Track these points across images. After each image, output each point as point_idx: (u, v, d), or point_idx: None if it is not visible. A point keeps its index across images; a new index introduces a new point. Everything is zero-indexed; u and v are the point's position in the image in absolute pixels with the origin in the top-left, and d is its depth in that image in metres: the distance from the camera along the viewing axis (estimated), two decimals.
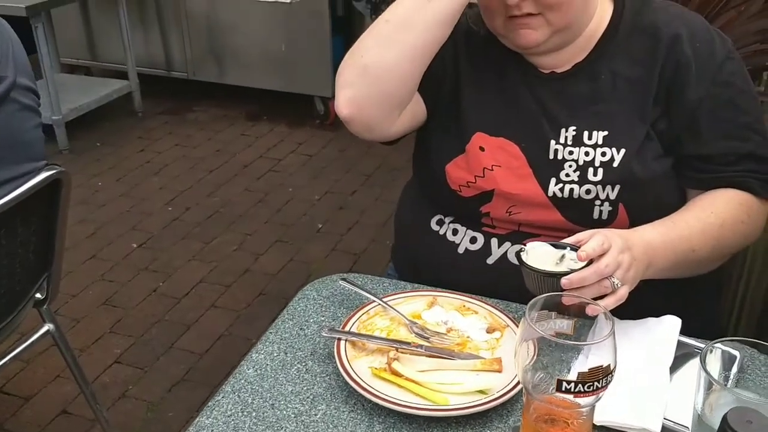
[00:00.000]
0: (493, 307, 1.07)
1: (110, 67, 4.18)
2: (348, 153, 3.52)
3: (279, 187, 3.29)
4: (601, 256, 0.93)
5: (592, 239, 0.94)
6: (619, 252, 0.94)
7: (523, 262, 0.94)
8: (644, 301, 1.01)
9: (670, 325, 1.02)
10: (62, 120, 3.53)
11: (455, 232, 1.21)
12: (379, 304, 1.06)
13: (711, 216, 1.06)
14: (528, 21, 1.07)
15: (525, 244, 1.03)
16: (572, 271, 0.92)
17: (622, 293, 0.94)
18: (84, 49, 4.21)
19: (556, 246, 0.97)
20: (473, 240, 1.19)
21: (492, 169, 1.14)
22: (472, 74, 1.19)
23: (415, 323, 1.03)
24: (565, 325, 0.86)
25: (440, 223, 1.23)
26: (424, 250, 1.25)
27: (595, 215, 1.11)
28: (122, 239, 2.89)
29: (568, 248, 0.95)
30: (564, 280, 0.92)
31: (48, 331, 1.68)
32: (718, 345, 0.81)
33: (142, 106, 4.01)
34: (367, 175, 3.35)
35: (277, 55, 3.82)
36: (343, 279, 1.12)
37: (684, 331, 1.02)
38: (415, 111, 1.19)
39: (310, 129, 3.83)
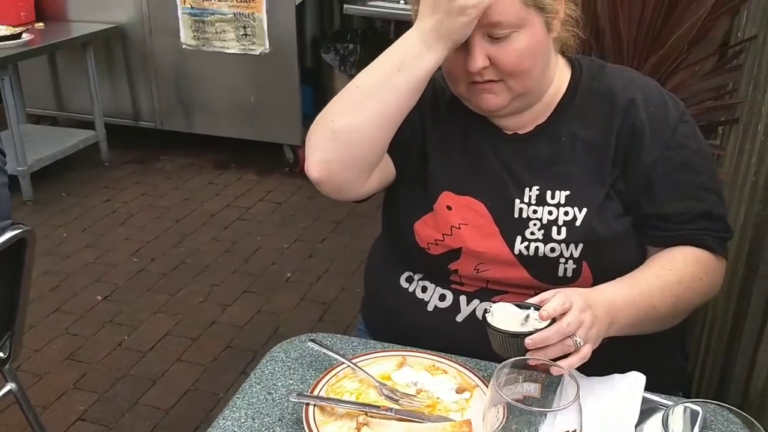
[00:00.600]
0: (462, 366, 1.08)
1: (77, 117, 4.17)
2: (317, 200, 3.54)
3: (247, 235, 3.28)
4: (563, 315, 0.95)
5: (554, 299, 0.96)
6: (581, 311, 0.96)
7: (489, 323, 0.96)
8: (609, 357, 1.03)
9: (635, 381, 1.04)
10: (27, 171, 3.50)
11: (424, 289, 1.23)
12: (348, 365, 1.06)
13: (670, 273, 1.09)
14: (489, 87, 1.11)
15: (492, 303, 1.05)
16: (536, 331, 0.94)
17: (585, 351, 0.96)
18: (51, 100, 4.20)
19: (520, 306, 0.99)
20: (442, 297, 1.21)
21: (459, 228, 1.17)
22: (439, 135, 1.22)
23: (385, 385, 1.04)
24: (532, 388, 0.87)
25: (409, 280, 1.25)
26: (394, 308, 1.26)
27: (560, 273, 1.13)
28: (87, 291, 2.85)
29: (533, 308, 0.97)
30: (527, 341, 0.93)
31: (10, 390, 1.64)
32: (680, 406, 0.83)
33: (108, 156, 3.99)
34: (336, 222, 3.36)
35: (246, 104, 3.85)
36: (312, 340, 1.12)
37: (650, 384, 1.03)
38: (385, 172, 1.22)
39: (279, 177, 3.85)
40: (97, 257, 3.10)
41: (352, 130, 1.10)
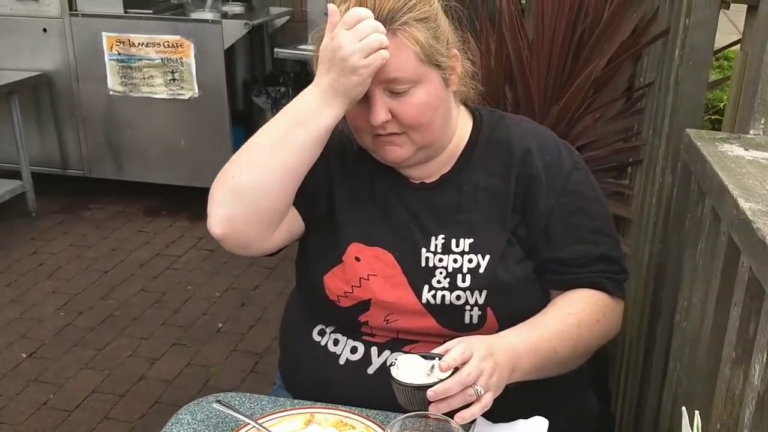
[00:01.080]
0: (371, 421, 1.08)
1: (2, 167, 4.05)
2: None
3: (177, 285, 3.22)
4: (464, 364, 0.96)
5: (454, 348, 0.98)
6: (481, 359, 0.98)
7: (392, 377, 0.97)
8: (516, 402, 1.05)
9: (538, 425, 1.06)
10: None
11: (336, 342, 1.23)
12: (254, 426, 1.05)
13: (569, 317, 1.13)
14: (393, 139, 1.14)
15: (400, 355, 1.05)
16: (439, 382, 0.95)
17: (486, 400, 0.98)
18: None
19: (426, 357, 1.00)
20: (354, 350, 1.21)
21: (368, 279, 1.18)
22: (346, 186, 1.24)
23: None
24: None
25: (322, 333, 1.25)
26: (307, 363, 1.26)
27: (467, 320, 1.15)
28: (11, 349, 2.74)
29: (437, 358, 0.98)
30: (429, 393, 0.95)
31: None
32: None
33: (35, 206, 3.88)
34: (270, 268, 3.33)
35: (177, 149, 3.81)
36: (218, 401, 1.11)
37: (560, 428, 1.05)
38: (292, 225, 1.22)
39: None
40: (23, 312, 2.99)
41: (253, 186, 1.11)
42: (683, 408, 0.85)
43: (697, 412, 0.79)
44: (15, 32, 3.77)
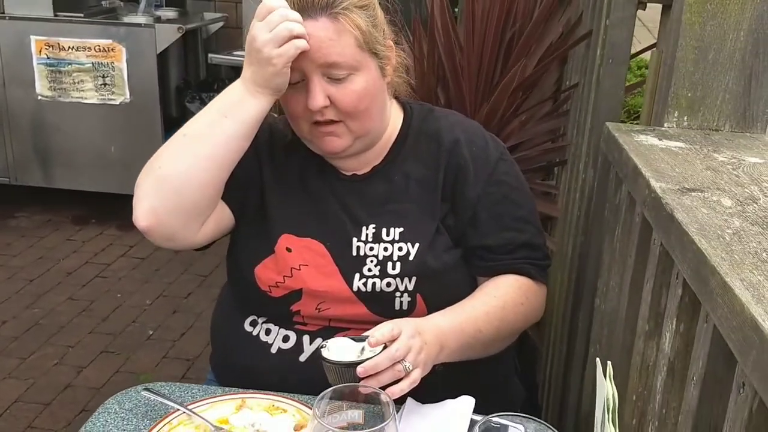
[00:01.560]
0: (302, 404, 1.08)
1: None
2: (184, 253, 3.42)
3: (106, 294, 3.14)
4: (393, 342, 0.98)
5: (383, 326, 1.00)
6: (409, 337, 1.00)
7: (324, 358, 0.98)
8: (444, 383, 1.07)
9: (464, 404, 1.08)
10: None
11: (268, 332, 1.23)
12: (184, 412, 1.04)
13: (494, 299, 1.16)
14: (332, 129, 1.14)
15: (330, 340, 1.06)
16: (368, 359, 0.97)
17: (415, 376, 1.00)
18: None
19: (356, 340, 1.02)
20: (285, 339, 1.22)
21: (299, 269, 1.19)
22: (276, 178, 1.24)
23: (222, 428, 1.02)
24: (356, 415, 0.90)
25: (254, 323, 1.25)
26: (239, 353, 1.26)
27: (397, 306, 1.17)
28: None
29: (368, 340, 1.00)
30: (359, 369, 0.96)
31: None
32: (495, 419, 0.87)
33: None
34: (203, 275, 3.28)
35: (107, 156, 3.72)
36: (146, 389, 1.09)
37: (491, 407, 1.07)
38: (221, 219, 1.22)
39: None
40: None
41: (179, 176, 1.11)
42: (597, 359, 0.88)
43: (609, 363, 0.82)
44: None
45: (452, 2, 2.15)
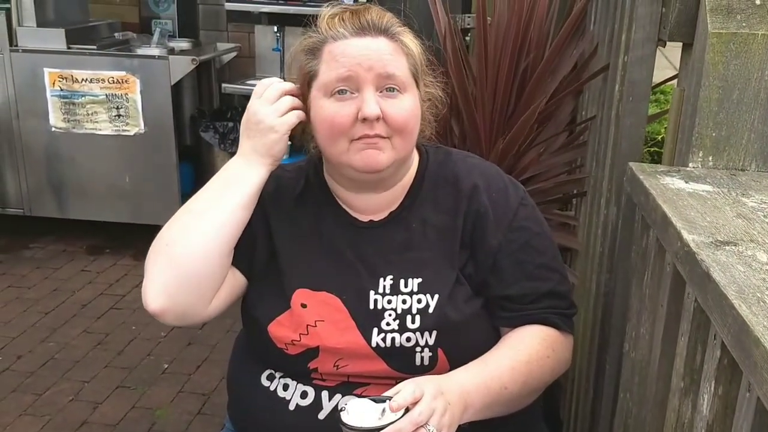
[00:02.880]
0: None
1: None
2: None
3: (121, 325, 3.12)
4: (415, 404, 0.95)
5: (405, 388, 0.97)
6: (433, 398, 0.97)
7: (343, 422, 0.95)
8: None
9: None
10: None
11: (286, 387, 1.19)
12: None
13: (519, 353, 1.13)
14: (377, 141, 1.11)
15: (349, 399, 1.04)
16: (391, 423, 0.94)
17: None
18: None
19: (376, 400, 0.98)
20: (304, 395, 1.18)
21: (315, 326, 1.15)
22: (287, 231, 1.22)
23: None
24: None
25: (271, 378, 1.22)
26: (256, 408, 1.22)
27: (417, 362, 1.13)
28: None
29: (388, 401, 0.97)
30: None
31: None
32: None
33: None
34: None
35: (121, 186, 3.73)
36: None
37: None
38: (233, 284, 1.21)
39: None
40: None
41: (188, 251, 1.11)
42: None
43: None
44: None
45: (462, 32, 2.14)
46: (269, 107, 1.14)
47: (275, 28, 3.92)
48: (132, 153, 3.68)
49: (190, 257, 1.10)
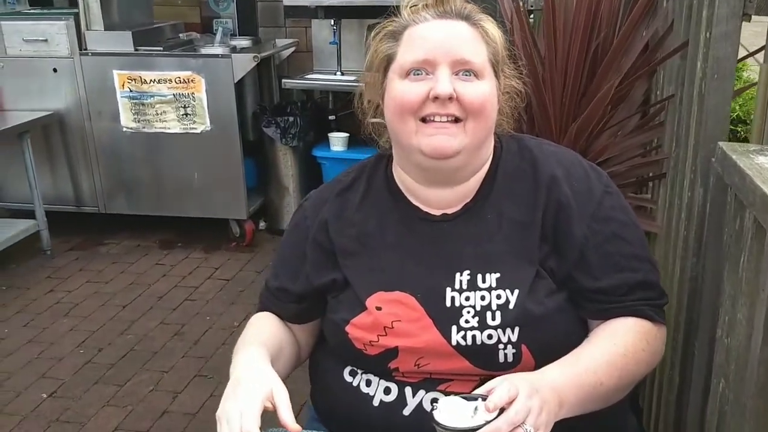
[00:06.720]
0: None
1: (15, 207, 4.07)
2: (266, 273, 3.46)
3: (196, 316, 3.21)
4: (511, 403, 0.93)
5: (499, 388, 0.94)
6: (528, 397, 0.94)
7: (437, 422, 0.93)
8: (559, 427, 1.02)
9: None
10: None
11: (368, 383, 1.19)
12: None
13: (613, 347, 1.09)
14: (448, 126, 1.09)
15: (440, 395, 1.02)
16: (486, 423, 0.92)
17: None
18: None
19: (468, 398, 0.97)
20: (387, 390, 1.17)
21: (392, 327, 1.13)
22: (350, 241, 1.20)
23: None
24: None
25: (353, 373, 1.21)
26: (340, 401, 1.23)
27: (501, 359, 1.10)
28: (30, 390, 2.72)
29: (480, 399, 0.95)
30: None
31: None
32: None
33: (50, 245, 3.88)
34: None
35: (190, 182, 3.83)
36: None
37: None
38: (312, 327, 1.30)
39: (226, 252, 3.81)
40: (41, 352, 2.98)
41: None
42: None
43: None
44: (25, 73, 3.81)
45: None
46: None
47: (332, 22, 3.94)
48: (199, 150, 3.76)
49: None
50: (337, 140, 3.89)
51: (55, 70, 3.78)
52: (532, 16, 2.69)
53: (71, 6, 4.02)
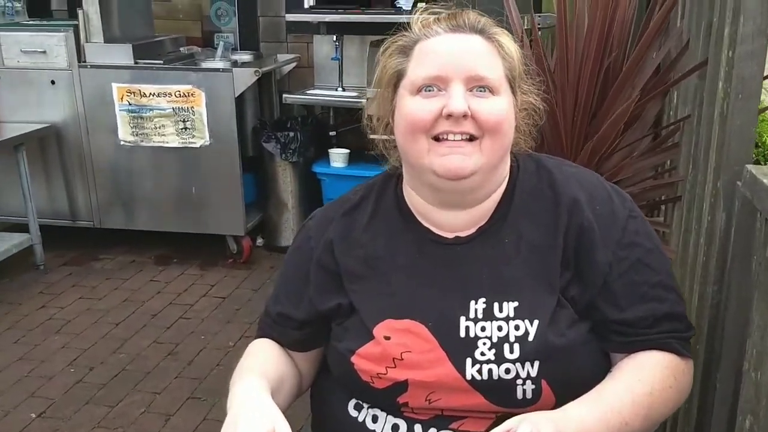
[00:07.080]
0: None
1: (9, 220, 4.00)
2: (263, 291, 3.42)
3: (190, 336, 3.13)
4: None
5: (520, 429, 0.88)
6: None
7: None
8: None
9: None
10: None
11: (375, 419, 1.11)
12: None
13: (639, 384, 1.03)
14: (462, 145, 1.03)
15: None
16: None
17: None
18: None
19: None
20: (395, 427, 1.09)
21: (402, 358, 1.06)
22: (356, 263, 1.13)
23: None
24: None
25: (358, 407, 1.14)
26: None
27: (519, 395, 1.03)
28: (19, 410, 2.64)
29: None
30: None
31: None
32: None
33: (44, 259, 3.81)
34: None
35: (188, 197, 3.77)
36: None
37: None
38: (314, 355, 1.22)
39: (223, 269, 3.74)
40: (31, 370, 2.90)
41: None
42: None
43: None
44: (23, 85, 3.75)
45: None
46: None
47: (334, 37, 3.91)
48: (198, 165, 3.71)
49: None
50: (338, 156, 3.84)
51: (53, 82, 3.73)
52: (540, 33, 2.65)
53: (71, 18, 3.98)
